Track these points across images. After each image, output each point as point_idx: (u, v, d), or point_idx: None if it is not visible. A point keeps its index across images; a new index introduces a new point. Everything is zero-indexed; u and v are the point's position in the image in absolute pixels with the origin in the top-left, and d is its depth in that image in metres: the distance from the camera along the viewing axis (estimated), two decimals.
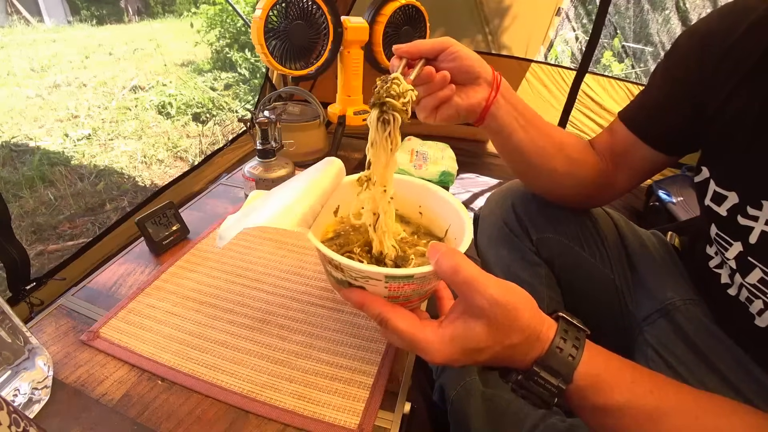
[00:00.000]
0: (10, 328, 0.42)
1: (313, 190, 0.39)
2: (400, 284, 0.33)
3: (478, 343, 0.31)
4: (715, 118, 0.45)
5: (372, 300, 0.33)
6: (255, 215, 0.39)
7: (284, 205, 0.37)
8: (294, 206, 0.37)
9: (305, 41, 0.89)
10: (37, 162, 1.97)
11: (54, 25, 5.48)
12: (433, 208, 0.45)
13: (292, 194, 0.39)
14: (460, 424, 0.62)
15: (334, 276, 0.37)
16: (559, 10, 1.95)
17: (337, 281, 0.37)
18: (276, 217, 0.36)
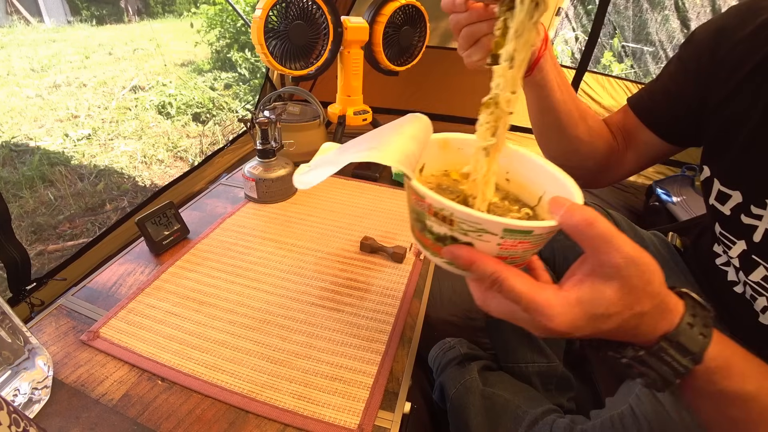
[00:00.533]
0: (10, 328, 0.42)
1: (409, 134, 0.34)
2: (515, 241, 0.29)
3: (607, 308, 0.27)
4: (716, 113, 0.45)
5: (483, 257, 0.29)
6: (346, 154, 0.33)
7: (381, 143, 0.32)
8: (394, 143, 0.32)
9: (305, 41, 0.89)
10: (37, 162, 1.97)
11: (54, 25, 5.48)
12: (524, 173, 0.40)
13: (384, 136, 0.34)
14: (459, 422, 0.62)
15: (435, 232, 0.31)
16: (559, 10, 1.95)
17: (436, 238, 0.32)
18: (375, 152, 0.30)
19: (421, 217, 0.32)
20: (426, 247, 0.34)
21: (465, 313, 1.01)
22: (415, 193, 0.31)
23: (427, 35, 1.08)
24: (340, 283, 0.63)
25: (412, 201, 0.32)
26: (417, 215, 0.32)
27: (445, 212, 0.29)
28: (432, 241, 0.32)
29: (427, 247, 0.33)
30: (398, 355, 0.51)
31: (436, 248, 0.32)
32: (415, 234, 0.35)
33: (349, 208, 0.82)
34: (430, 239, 0.32)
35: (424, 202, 0.30)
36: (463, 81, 1.93)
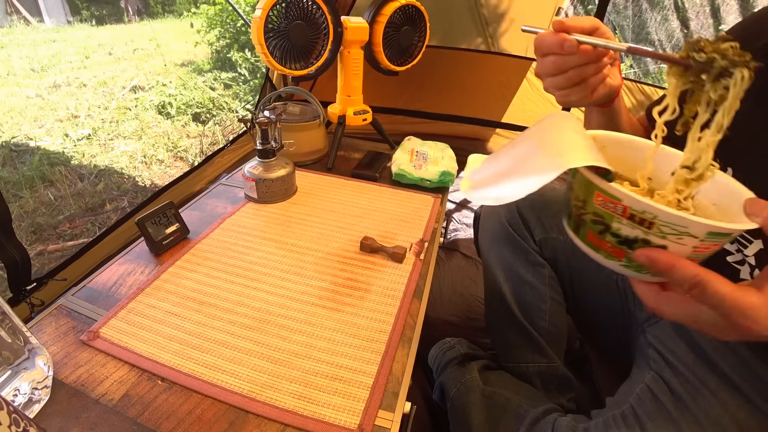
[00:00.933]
0: (10, 328, 0.42)
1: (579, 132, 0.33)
2: (710, 243, 0.28)
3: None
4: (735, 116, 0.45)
5: (684, 261, 0.28)
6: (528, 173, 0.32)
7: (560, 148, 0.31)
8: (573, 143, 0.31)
9: (305, 41, 0.89)
10: (37, 162, 1.97)
11: (54, 25, 5.48)
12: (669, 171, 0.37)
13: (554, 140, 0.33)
14: (460, 422, 0.62)
15: (622, 235, 0.30)
16: (559, 10, 1.95)
17: (621, 241, 0.30)
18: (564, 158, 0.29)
19: (607, 219, 0.30)
20: (599, 250, 0.32)
21: (465, 313, 1.01)
22: (604, 195, 0.30)
23: (427, 35, 1.08)
24: (340, 283, 0.63)
25: (595, 204, 0.31)
26: (599, 218, 0.31)
27: (647, 215, 0.28)
28: (613, 245, 0.31)
29: (601, 251, 0.32)
30: (398, 355, 0.51)
31: (616, 252, 0.31)
32: (587, 238, 0.33)
33: (349, 208, 0.82)
34: (612, 242, 0.31)
35: (617, 204, 0.29)
36: (463, 81, 1.93)
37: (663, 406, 0.46)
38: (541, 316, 0.64)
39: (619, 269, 0.32)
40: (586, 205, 0.32)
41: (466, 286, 1.11)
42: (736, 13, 1.99)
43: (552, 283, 0.64)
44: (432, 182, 0.90)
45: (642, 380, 0.51)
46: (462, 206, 1.55)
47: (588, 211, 0.32)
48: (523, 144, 0.36)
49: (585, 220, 0.32)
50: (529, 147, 0.35)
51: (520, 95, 1.90)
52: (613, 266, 0.32)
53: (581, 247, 0.34)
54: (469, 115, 1.97)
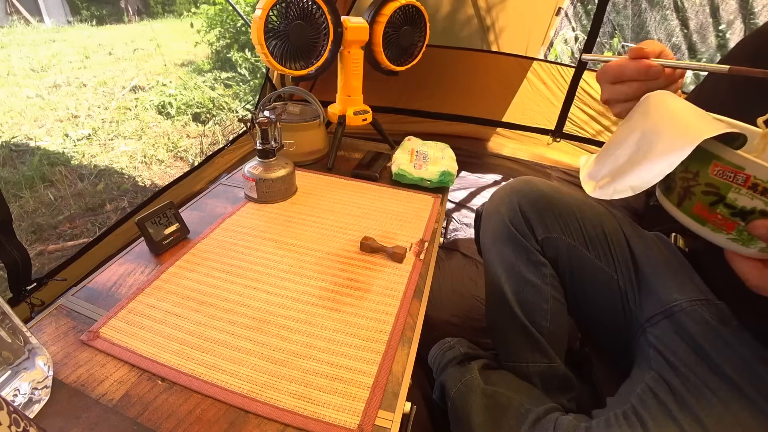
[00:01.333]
0: (10, 328, 0.42)
1: (685, 106, 0.33)
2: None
3: None
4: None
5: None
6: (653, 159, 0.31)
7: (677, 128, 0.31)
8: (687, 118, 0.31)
9: (305, 41, 0.89)
10: (37, 162, 1.97)
11: (54, 25, 5.48)
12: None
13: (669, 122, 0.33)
14: (461, 421, 0.62)
15: (738, 206, 0.29)
16: (559, 10, 1.95)
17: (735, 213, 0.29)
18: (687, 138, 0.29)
19: (722, 190, 0.30)
20: (705, 222, 0.32)
21: (465, 313, 1.01)
22: (724, 164, 0.29)
23: (427, 35, 1.08)
24: (340, 283, 0.63)
25: (710, 174, 0.30)
26: (712, 188, 0.30)
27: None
28: (724, 216, 0.30)
29: (708, 223, 0.31)
30: (398, 355, 0.51)
31: (726, 224, 0.30)
32: (692, 210, 0.32)
33: (349, 208, 0.82)
34: (724, 214, 0.30)
35: (739, 174, 0.28)
36: (464, 80, 1.93)
37: (664, 406, 0.46)
38: (542, 316, 0.64)
39: (724, 243, 0.32)
40: (698, 175, 0.31)
41: (466, 286, 1.11)
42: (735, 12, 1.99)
43: (553, 283, 0.64)
44: (432, 182, 0.90)
45: (643, 380, 0.51)
46: (462, 206, 1.55)
47: (700, 182, 0.31)
48: (636, 130, 0.36)
49: (694, 192, 0.32)
50: (648, 131, 0.34)
51: (520, 95, 1.90)
52: (718, 239, 0.32)
53: (682, 220, 0.33)
54: (470, 114, 1.97)
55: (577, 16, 2.42)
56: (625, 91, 0.41)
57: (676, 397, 0.47)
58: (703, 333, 0.50)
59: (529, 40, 1.94)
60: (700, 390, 0.46)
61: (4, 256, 0.74)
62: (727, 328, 0.49)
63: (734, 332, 0.49)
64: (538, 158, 1.93)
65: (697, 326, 0.51)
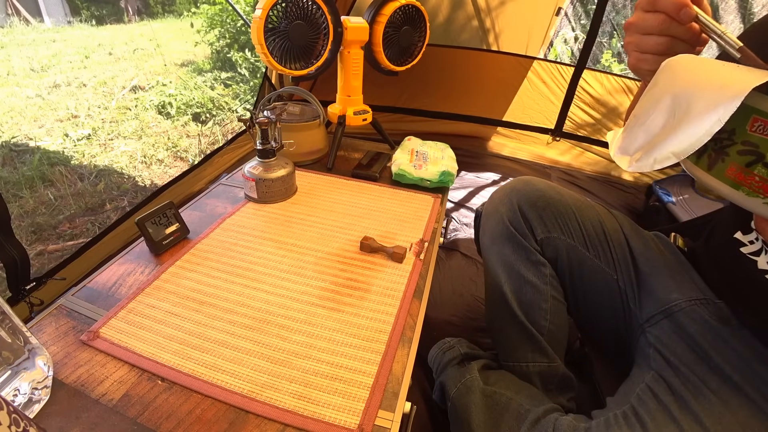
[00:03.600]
0: (10, 328, 0.42)
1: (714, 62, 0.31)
2: None
3: None
4: None
5: None
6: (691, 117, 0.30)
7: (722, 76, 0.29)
8: (732, 68, 0.30)
9: (305, 41, 0.89)
10: (37, 162, 1.97)
11: (54, 25, 5.47)
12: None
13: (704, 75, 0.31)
14: (460, 421, 0.62)
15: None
16: (559, 10, 1.95)
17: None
18: (732, 89, 0.27)
19: (762, 147, 0.27)
20: (740, 186, 0.29)
21: (465, 313, 1.01)
22: (765, 117, 0.27)
23: (427, 35, 1.08)
24: (340, 283, 0.63)
25: (749, 131, 0.28)
26: (750, 147, 0.28)
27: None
28: (763, 178, 0.28)
29: (743, 186, 0.29)
30: (398, 355, 0.51)
31: (764, 187, 0.28)
32: (725, 173, 0.30)
33: (349, 208, 0.82)
34: (762, 175, 0.28)
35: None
36: (464, 80, 1.93)
37: (664, 406, 0.46)
38: (542, 316, 0.64)
39: (758, 208, 0.30)
40: (734, 134, 0.29)
41: (466, 286, 1.11)
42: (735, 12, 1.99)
43: (553, 283, 0.64)
44: (432, 182, 0.90)
45: (643, 380, 0.51)
46: (462, 206, 1.55)
47: (736, 141, 0.29)
48: (665, 97, 0.33)
49: (728, 153, 0.30)
50: (679, 93, 0.32)
51: (520, 94, 1.90)
52: (753, 204, 0.30)
53: (713, 185, 0.31)
54: (470, 114, 1.97)
55: (577, 16, 2.42)
56: (650, 22, 0.38)
57: (675, 396, 0.47)
58: (702, 332, 0.50)
59: (529, 40, 1.94)
60: (700, 389, 0.46)
61: (3, 255, 0.74)
62: (727, 328, 0.49)
63: (733, 331, 0.49)
64: (537, 158, 1.93)
65: (696, 326, 0.51)
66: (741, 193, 0.30)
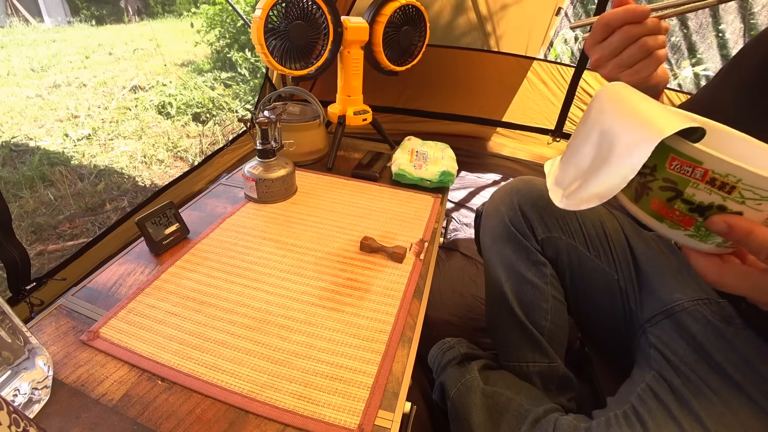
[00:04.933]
0: (10, 328, 0.42)
1: (644, 99, 0.32)
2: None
3: None
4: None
5: (762, 227, 0.27)
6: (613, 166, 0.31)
7: (639, 125, 0.30)
8: (650, 113, 0.30)
9: (305, 41, 0.89)
10: (37, 162, 1.97)
11: (54, 25, 5.48)
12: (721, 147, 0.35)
13: (629, 119, 0.32)
14: (460, 422, 0.62)
15: (695, 201, 0.28)
16: (559, 10, 1.95)
17: (692, 209, 0.29)
18: (651, 135, 0.28)
19: (680, 185, 0.29)
20: (663, 219, 0.31)
21: (465, 313, 1.01)
22: (682, 158, 0.28)
23: (427, 35, 1.08)
24: (340, 283, 0.63)
25: (668, 169, 0.29)
26: (670, 184, 0.29)
27: (731, 178, 0.26)
28: (682, 212, 0.29)
29: (666, 220, 0.31)
30: (398, 355, 0.51)
31: (684, 220, 0.30)
32: (650, 206, 0.31)
33: (349, 208, 0.82)
34: (681, 210, 0.29)
35: (696, 168, 0.28)
36: (464, 80, 1.93)
37: (665, 405, 0.46)
38: (542, 316, 0.64)
39: (681, 239, 0.31)
40: (655, 170, 0.30)
41: (466, 286, 1.11)
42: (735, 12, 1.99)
43: (554, 283, 0.64)
44: (432, 182, 0.90)
45: (643, 380, 0.51)
46: (462, 206, 1.55)
47: (657, 178, 0.30)
48: (594, 129, 0.34)
49: (651, 188, 0.31)
50: (606, 130, 0.33)
51: (520, 94, 1.90)
52: (676, 236, 0.31)
53: (640, 217, 0.32)
54: (470, 114, 1.97)
55: (577, 16, 2.42)
56: (614, 41, 0.41)
57: (676, 396, 0.46)
58: (704, 332, 0.50)
59: (529, 40, 1.94)
60: (701, 389, 0.46)
61: (4, 255, 0.74)
62: (730, 327, 0.49)
63: (736, 331, 0.49)
64: (538, 158, 1.93)
65: (698, 325, 0.51)
66: (664, 226, 0.31)
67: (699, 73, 2.14)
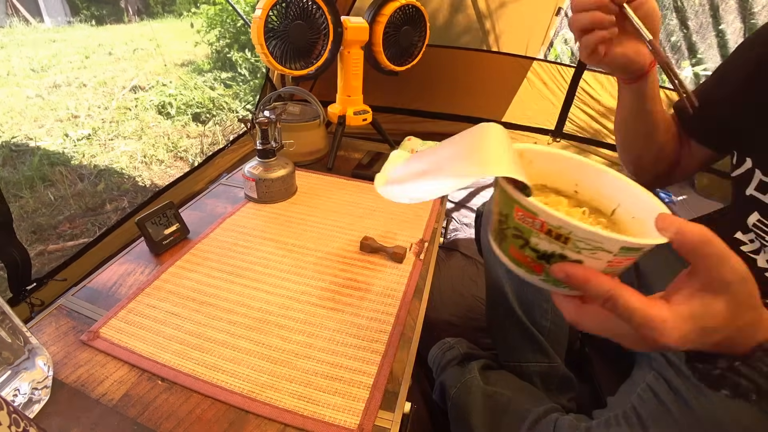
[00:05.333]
0: (10, 328, 0.42)
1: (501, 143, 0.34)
2: (623, 258, 0.29)
3: (715, 323, 0.28)
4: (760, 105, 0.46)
5: (599, 276, 0.29)
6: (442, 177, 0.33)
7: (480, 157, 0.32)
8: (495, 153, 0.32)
9: (305, 41, 0.89)
10: (37, 162, 1.97)
11: (54, 25, 5.48)
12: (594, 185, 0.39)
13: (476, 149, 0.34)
14: (460, 422, 0.62)
15: (540, 250, 0.30)
16: (559, 10, 1.95)
17: (539, 256, 0.31)
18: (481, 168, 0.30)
19: (526, 234, 0.31)
20: (520, 264, 0.33)
21: (465, 313, 1.01)
22: (523, 210, 0.30)
23: (427, 35, 1.08)
24: (340, 283, 0.63)
25: (515, 218, 0.31)
26: (518, 232, 0.31)
27: (563, 230, 0.29)
28: (532, 259, 0.32)
29: (522, 265, 0.33)
30: (398, 355, 0.51)
31: (535, 266, 0.32)
32: (509, 252, 0.33)
33: (349, 208, 0.82)
34: (531, 257, 0.31)
35: (535, 219, 0.29)
36: (464, 80, 1.93)
37: (665, 406, 0.46)
38: (543, 315, 0.64)
39: (539, 284, 0.33)
40: (507, 219, 0.32)
41: (466, 286, 1.11)
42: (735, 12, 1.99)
43: None
44: None
45: (643, 380, 0.51)
46: (462, 206, 1.55)
47: (509, 226, 0.32)
48: (447, 149, 0.37)
49: (507, 235, 0.33)
50: (453, 152, 0.36)
51: (520, 94, 1.90)
52: (534, 281, 0.33)
53: (505, 261, 0.34)
54: (470, 114, 1.97)
55: None
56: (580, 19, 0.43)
57: (676, 397, 0.46)
58: None
59: (529, 40, 1.94)
60: (701, 390, 0.46)
61: (5, 256, 0.74)
62: None
63: None
64: None
65: None
66: (522, 270, 0.33)
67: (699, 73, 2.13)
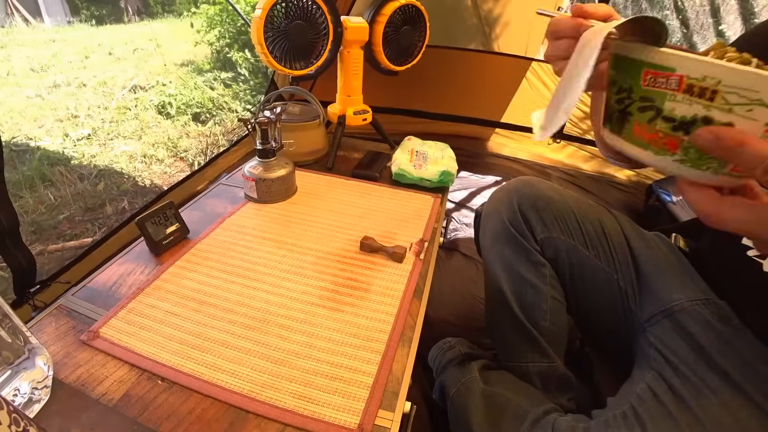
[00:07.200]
0: (10, 328, 0.42)
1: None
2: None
3: None
4: None
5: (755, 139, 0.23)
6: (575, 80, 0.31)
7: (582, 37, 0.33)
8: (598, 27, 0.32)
9: (305, 41, 0.89)
10: (37, 162, 1.97)
11: (54, 25, 5.48)
12: None
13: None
14: (460, 422, 0.62)
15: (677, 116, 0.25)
16: (559, 10, 1.95)
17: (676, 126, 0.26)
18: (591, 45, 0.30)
19: (658, 101, 0.26)
20: (649, 145, 0.28)
21: (465, 313, 1.01)
22: (654, 69, 0.26)
23: (427, 35, 1.08)
24: (340, 283, 0.63)
25: (643, 85, 0.27)
26: (647, 102, 0.27)
27: (709, 81, 0.23)
28: (666, 133, 0.26)
29: (651, 146, 0.28)
30: (398, 355, 0.51)
31: (669, 142, 0.26)
32: (633, 133, 0.29)
33: (349, 208, 0.82)
34: (664, 130, 0.26)
35: (671, 76, 0.25)
36: (463, 81, 1.93)
37: (664, 406, 0.46)
38: (541, 316, 0.64)
39: (671, 167, 0.28)
40: (632, 92, 0.28)
41: (466, 286, 1.11)
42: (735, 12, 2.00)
43: (553, 283, 0.64)
44: (432, 182, 0.90)
45: (643, 380, 0.51)
46: (462, 206, 1.55)
47: (634, 99, 0.28)
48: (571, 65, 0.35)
49: (630, 112, 0.28)
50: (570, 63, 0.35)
51: (519, 95, 1.90)
52: (666, 164, 0.28)
53: (626, 149, 0.30)
54: (469, 114, 1.97)
55: None
56: (561, 50, 0.40)
57: (676, 397, 0.47)
58: (703, 332, 0.50)
59: (528, 41, 1.94)
60: (701, 390, 0.46)
61: (12, 261, 0.73)
62: (729, 328, 0.49)
63: (736, 331, 0.49)
64: (538, 158, 1.93)
65: (697, 326, 0.51)
66: (650, 153, 0.29)
67: None
